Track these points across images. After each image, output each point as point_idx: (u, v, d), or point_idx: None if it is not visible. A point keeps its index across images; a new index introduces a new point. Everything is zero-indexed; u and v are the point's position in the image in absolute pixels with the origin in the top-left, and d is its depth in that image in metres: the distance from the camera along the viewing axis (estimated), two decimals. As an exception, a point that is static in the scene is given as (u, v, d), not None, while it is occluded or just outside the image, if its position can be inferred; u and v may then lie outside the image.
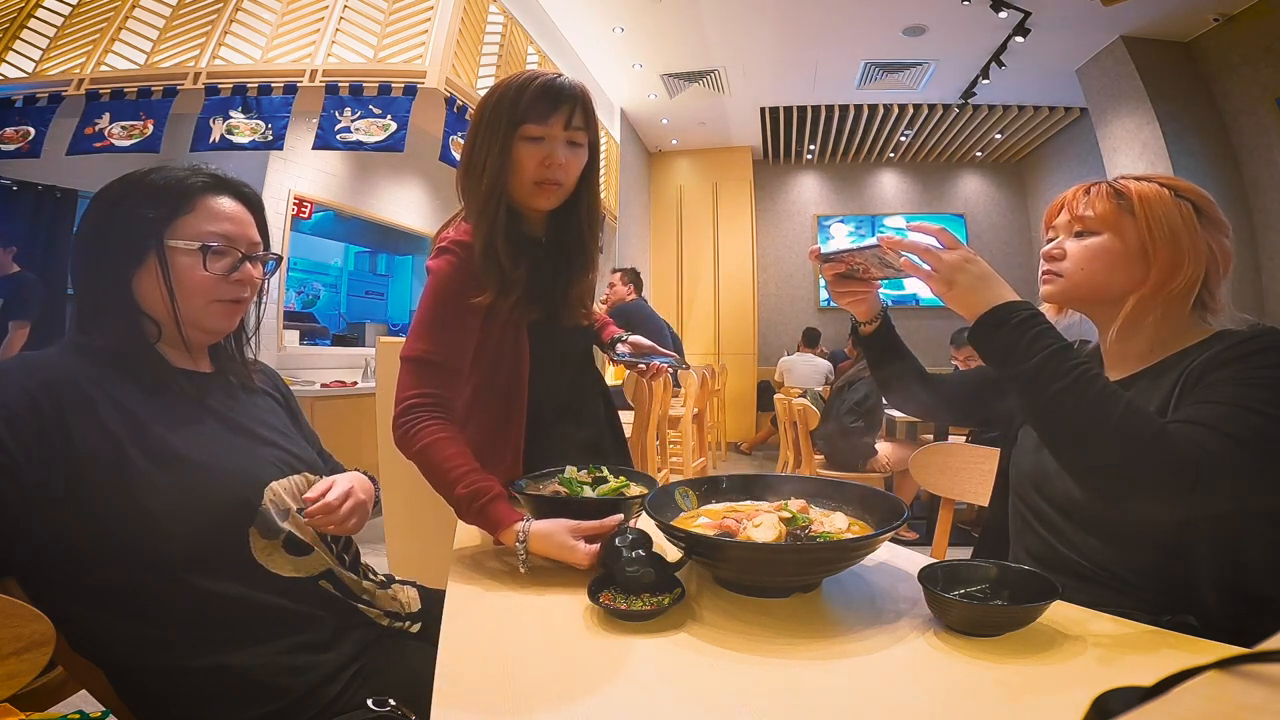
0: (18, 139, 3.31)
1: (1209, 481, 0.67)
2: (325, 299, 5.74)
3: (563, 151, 1.04)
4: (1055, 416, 0.74)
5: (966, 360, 4.21)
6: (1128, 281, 0.87)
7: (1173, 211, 0.85)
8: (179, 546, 0.77)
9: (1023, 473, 0.98)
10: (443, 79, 3.23)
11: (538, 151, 1.03)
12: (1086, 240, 0.90)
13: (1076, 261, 0.90)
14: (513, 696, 0.57)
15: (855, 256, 0.96)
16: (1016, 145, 7.66)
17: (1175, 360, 0.85)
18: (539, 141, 1.03)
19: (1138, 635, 0.68)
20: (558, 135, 1.03)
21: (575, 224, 1.13)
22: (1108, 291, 0.89)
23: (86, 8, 3.58)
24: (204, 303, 0.88)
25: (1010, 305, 0.78)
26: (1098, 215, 0.89)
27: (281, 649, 0.81)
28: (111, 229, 0.85)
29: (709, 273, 7.72)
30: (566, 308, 1.15)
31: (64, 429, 0.73)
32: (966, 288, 0.80)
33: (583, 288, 1.17)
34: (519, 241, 1.07)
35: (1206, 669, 0.23)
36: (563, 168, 1.04)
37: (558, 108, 1.02)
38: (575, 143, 1.06)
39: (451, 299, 1.02)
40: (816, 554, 0.75)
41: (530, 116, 1.02)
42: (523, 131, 1.02)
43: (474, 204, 1.06)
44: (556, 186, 1.05)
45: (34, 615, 0.62)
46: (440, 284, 1.03)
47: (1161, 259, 0.84)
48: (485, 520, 0.90)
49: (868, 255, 0.93)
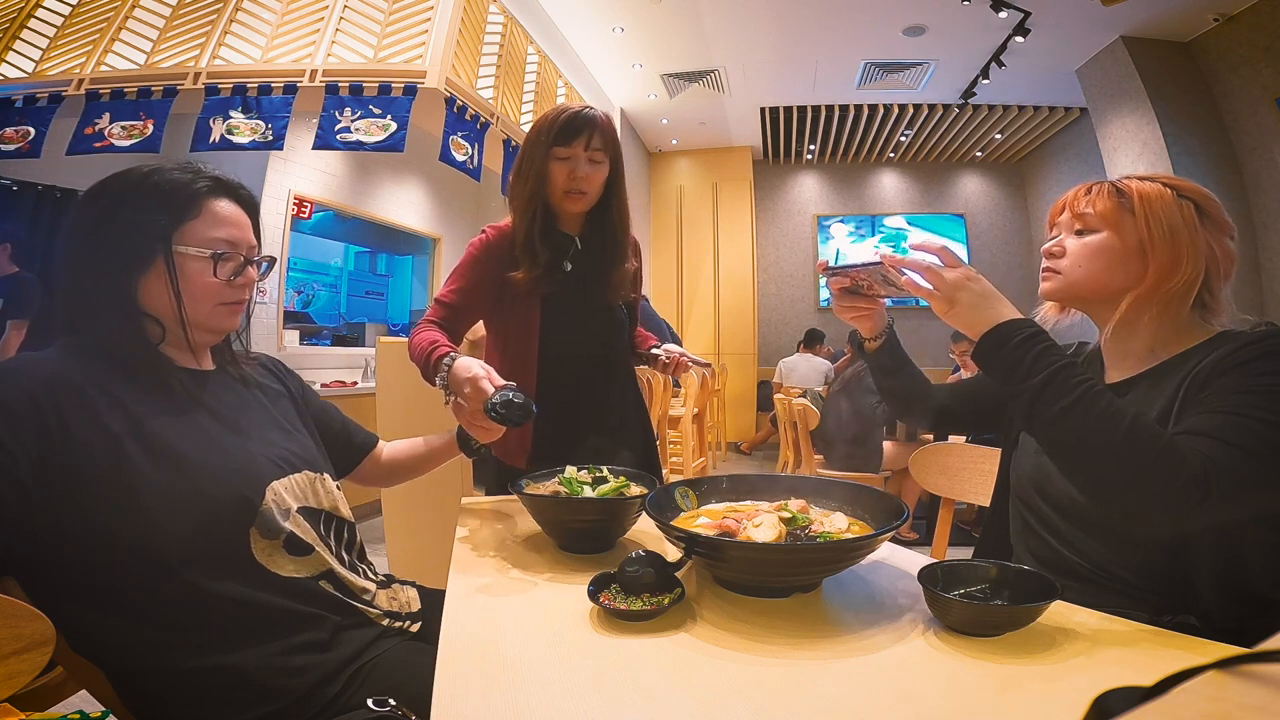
0: (18, 139, 3.31)
1: (1218, 494, 0.67)
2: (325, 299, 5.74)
3: (584, 167, 1.32)
4: (1061, 434, 0.74)
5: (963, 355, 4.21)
6: (1126, 280, 0.87)
7: (1173, 211, 0.85)
8: (179, 546, 0.77)
9: (1023, 475, 0.98)
10: (443, 79, 3.23)
11: (565, 167, 1.32)
12: (1086, 238, 0.90)
13: (1075, 259, 0.90)
14: (513, 696, 0.57)
15: (859, 273, 0.95)
16: (1016, 145, 7.66)
17: (1178, 362, 0.85)
18: (566, 160, 1.32)
19: (1138, 635, 0.68)
20: (580, 155, 1.31)
21: (609, 223, 1.41)
22: (1106, 290, 0.89)
23: (86, 8, 3.58)
24: (210, 306, 0.89)
25: (1012, 324, 0.78)
26: (1098, 213, 0.89)
27: (281, 649, 0.81)
28: (114, 230, 0.85)
29: (709, 273, 7.72)
30: (603, 288, 1.41)
31: (64, 428, 0.73)
32: (968, 306, 0.81)
33: (620, 272, 1.42)
34: (551, 235, 1.37)
35: (1206, 669, 0.23)
36: (585, 179, 1.32)
37: (579, 133, 1.31)
38: (595, 160, 1.33)
39: (482, 262, 1.35)
40: (816, 554, 0.75)
41: (559, 140, 1.31)
42: (554, 153, 1.32)
43: (518, 205, 1.36)
44: (582, 194, 1.34)
45: (34, 615, 0.62)
46: (475, 251, 1.37)
47: (1159, 258, 0.84)
48: (430, 365, 1.13)
49: (871, 272, 0.92)
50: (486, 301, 1.37)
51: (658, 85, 6.12)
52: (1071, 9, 4.65)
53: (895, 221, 8.22)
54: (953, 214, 8.16)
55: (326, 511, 0.95)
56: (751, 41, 5.35)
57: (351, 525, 1.00)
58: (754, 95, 6.43)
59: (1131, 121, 5.07)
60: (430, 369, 1.15)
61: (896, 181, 8.34)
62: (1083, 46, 5.25)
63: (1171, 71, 4.97)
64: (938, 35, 5.19)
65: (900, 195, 8.31)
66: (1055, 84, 5.88)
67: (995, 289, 0.82)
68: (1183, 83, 4.95)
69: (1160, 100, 4.86)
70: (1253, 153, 4.71)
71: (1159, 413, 0.82)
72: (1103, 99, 5.38)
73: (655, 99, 6.44)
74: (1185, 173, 4.68)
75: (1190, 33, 4.91)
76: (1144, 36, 4.99)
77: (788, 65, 5.77)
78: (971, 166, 8.26)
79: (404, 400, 2.20)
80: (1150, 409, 0.83)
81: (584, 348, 1.40)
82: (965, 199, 8.21)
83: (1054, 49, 5.24)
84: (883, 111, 6.75)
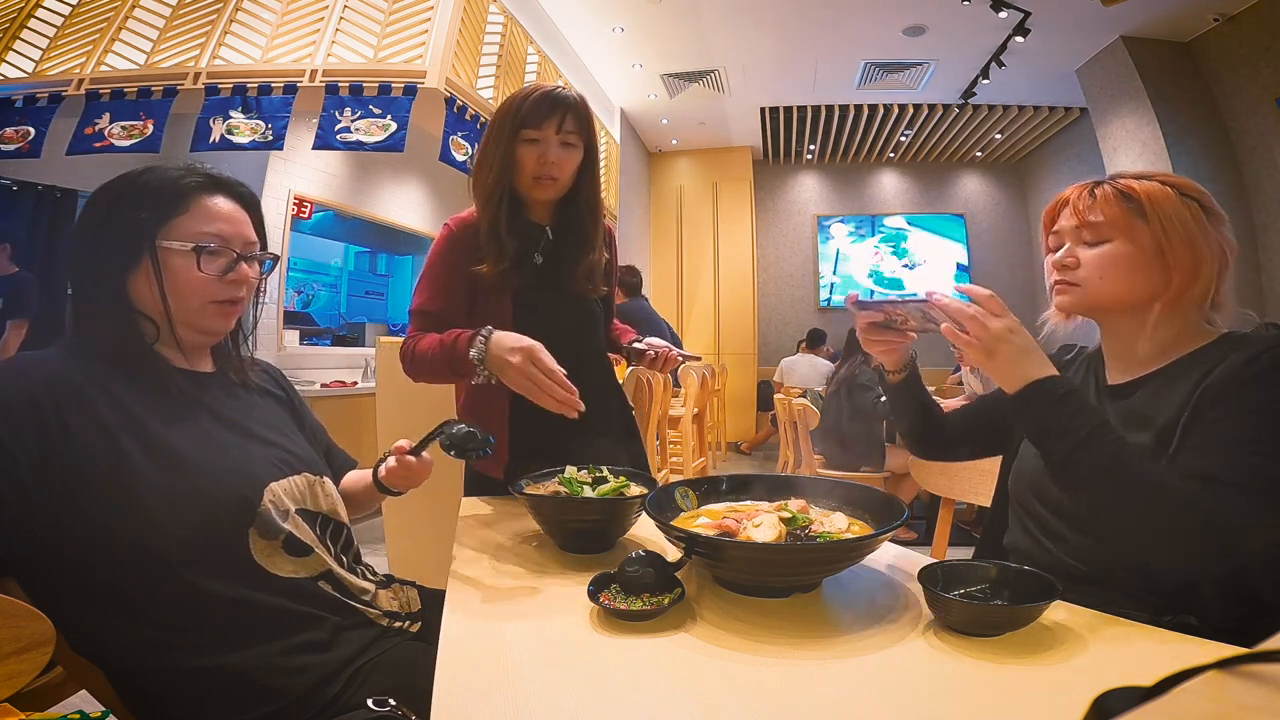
0: (18, 139, 3.31)
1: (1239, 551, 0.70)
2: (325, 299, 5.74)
3: (555, 151, 1.20)
4: (1090, 494, 0.77)
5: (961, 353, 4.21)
6: (1148, 287, 0.85)
7: (1184, 213, 0.84)
8: (178, 546, 0.77)
9: (1023, 479, 0.97)
10: (443, 79, 3.23)
11: (534, 151, 1.20)
12: (1101, 248, 0.87)
13: (1094, 270, 0.87)
14: (513, 696, 0.57)
15: (897, 309, 0.92)
16: (1016, 145, 7.66)
17: (1187, 364, 0.84)
18: (535, 143, 1.20)
19: (1138, 635, 0.68)
20: (551, 137, 1.20)
21: (577, 211, 1.30)
22: (1129, 298, 0.87)
23: (86, 8, 3.58)
24: (199, 304, 0.87)
25: (1049, 382, 0.78)
26: (1108, 220, 0.86)
27: (281, 649, 0.81)
28: (106, 229, 0.85)
29: (709, 273, 7.72)
30: (573, 280, 1.30)
31: (63, 428, 0.73)
32: (1007, 359, 0.79)
33: (588, 264, 1.31)
34: (519, 225, 1.26)
35: (1206, 669, 0.23)
36: (556, 164, 1.20)
37: (551, 114, 1.19)
38: (569, 143, 1.22)
39: (449, 260, 1.25)
40: (816, 554, 0.75)
41: (528, 122, 1.19)
42: (522, 135, 1.20)
43: (481, 193, 1.25)
44: (552, 181, 1.22)
45: (34, 615, 0.62)
46: (440, 249, 1.26)
47: (1182, 264, 0.83)
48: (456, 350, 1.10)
49: (910, 309, 0.89)
50: (464, 300, 1.27)
51: (658, 85, 6.12)
52: (1071, 9, 4.65)
53: (895, 221, 8.21)
54: (953, 214, 8.16)
55: (324, 514, 0.95)
56: (751, 41, 5.35)
57: (349, 529, 1.00)
58: (754, 95, 6.43)
59: (1131, 121, 5.07)
60: (457, 355, 1.09)
61: (896, 181, 8.34)
62: (1083, 46, 5.25)
63: (1171, 71, 4.97)
64: (938, 35, 5.19)
65: (900, 195, 8.31)
66: (1055, 84, 5.88)
67: (1035, 342, 0.81)
68: (1183, 83, 4.95)
69: (1160, 100, 4.87)
70: (1253, 153, 4.71)
71: (1168, 418, 0.81)
72: (1103, 99, 5.38)
73: (655, 99, 6.44)
74: (1185, 172, 4.68)
75: (1190, 33, 4.91)
76: (1144, 36, 4.99)
77: (788, 65, 5.77)
78: (971, 166, 8.26)
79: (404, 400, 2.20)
80: (1159, 413, 0.82)
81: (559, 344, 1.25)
82: (965, 199, 8.21)
83: (1054, 49, 5.24)
84: (883, 111, 6.75)
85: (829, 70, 5.85)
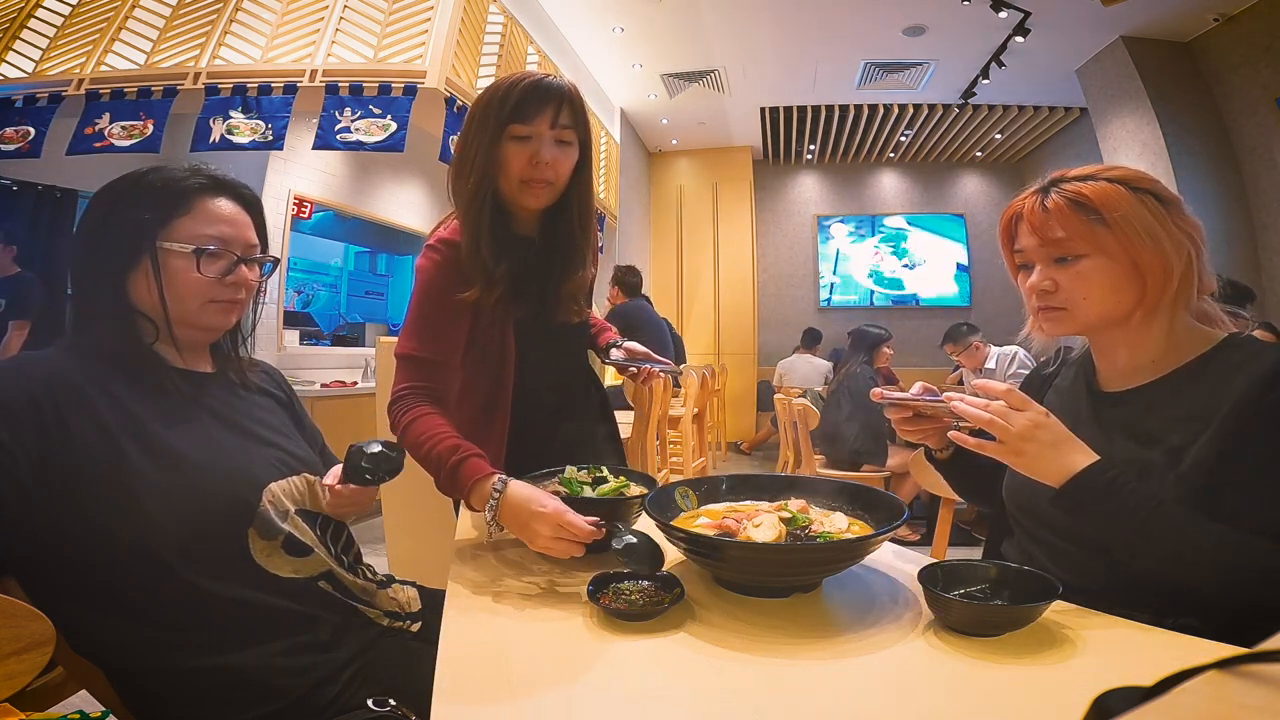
0: (18, 139, 3.31)
1: None
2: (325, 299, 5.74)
3: (549, 150, 1.03)
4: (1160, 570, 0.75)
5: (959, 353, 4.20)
6: (1132, 296, 0.82)
7: (1141, 211, 0.80)
8: (177, 546, 0.77)
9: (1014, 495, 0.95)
10: (443, 79, 3.22)
11: (524, 150, 1.03)
12: (1076, 265, 0.83)
13: (1076, 292, 0.83)
14: (513, 696, 0.57)
15: (923, 407, 0.91)
16: (1016, 145, 7.66)
17: (1189, 374, 0.81)
18: (526, 141, 1.03)
19: (1138, 635, 0.68)
20: (544, 134, 1.03)
21: (566, 222, 1.13)
22: (1117, 312, 0.84)
23: (86, 8, 3.58)
24: (198, 304, 0.87)
25: (1088, 475, 0.74)
26: (1071, 235, 0.82)
27: (281, 649, 0.81)
28: (108, 229, 0.85)
29: (709, 273, 7.72)
30: (558, 304, 1.15)
31: (63, 428, 0.73)
32: (1036, 457, 0.76)
33: (575, 284, 1.16)
34: (506, 239, 1.08)
35: (1206, 669, 0.23)
36: (550, 166, 1.03)
37: (544, 106, 1.02)
38: (564, 141, 1.05)
39: (437, 296, 1.05)
40: (816, 554, 0.75)
41: (517, 116, 1.02)
42: (510, 131, 1.02)
43: (462, 202, 1.06)
44: (546, 185, 1.05)
45: (34, 615, 0.62)
46: (426, 282, 1.06)
47: (1151, 266, 0.80)
48: (456, 482, 0.89)
49: (938, 408, 0.88)
50: (460, 336, 1.07)
51: (658, 85, 6.12)
52: (1071, 9, 4.65)
53: (895, 221, 8.22)
54: (953, 214, 8.16)
55: (324, 515, 0.95)
56: (751, 41, 5.35)
57: (349, 530, 1.00)
58: (754, 95, 6.43)
59: (1131, 121, 5.07)
60: (457, 487, 0.90)
61: (896, 181, 8.34)
62: (1083, 46, 5.25)
63: (1171, 71, 4.96)
64: (938, 35, 5.19)
65: (900, 195, 8.31)
66: (1055, 84, 5.88)
67: (1065, 430, 0.77)
68: (1183, 83, 4.95)
69: (1160, 100, 4.86)
70: (1253, 153, 4.71)
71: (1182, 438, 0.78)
72: (1103, 99, 5.38)
73: (655, 99, 6.44)
74: (1186, 172, 4.69)
75: (1190, 33, 4.91)
76: (1144, 36, 4.99)
77: (788, 65, 5.77)
78: (971, 166, 8.26)
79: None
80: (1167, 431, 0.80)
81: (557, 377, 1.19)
82: (965, 199, 8.21)
83: (1054, 49, 5.24)
84: (883, 111, 6.75)
85: (829, 70, 5.85)
